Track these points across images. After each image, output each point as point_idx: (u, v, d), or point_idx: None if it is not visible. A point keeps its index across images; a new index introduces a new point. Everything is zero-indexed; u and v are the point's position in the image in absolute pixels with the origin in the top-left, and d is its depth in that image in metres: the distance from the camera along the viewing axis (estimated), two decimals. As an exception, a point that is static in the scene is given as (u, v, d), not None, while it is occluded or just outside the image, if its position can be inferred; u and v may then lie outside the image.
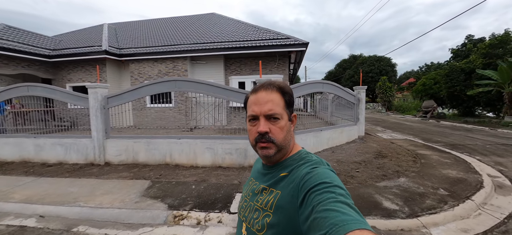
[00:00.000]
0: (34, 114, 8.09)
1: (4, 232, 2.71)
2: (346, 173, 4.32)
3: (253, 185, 0.77)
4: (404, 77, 34.00)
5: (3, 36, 8.88)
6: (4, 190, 3.81)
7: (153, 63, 10.13)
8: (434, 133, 8.73)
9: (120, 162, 5.06)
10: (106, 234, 2.62)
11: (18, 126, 7.14)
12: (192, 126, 8.90)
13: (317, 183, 0.54)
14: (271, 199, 0.64)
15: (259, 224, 0.64)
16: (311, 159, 0.66)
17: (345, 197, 0.50)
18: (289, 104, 0.69)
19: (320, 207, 0.48)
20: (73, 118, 9.57)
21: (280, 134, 0.66)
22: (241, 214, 0.76)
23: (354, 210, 0.46)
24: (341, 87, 6.45)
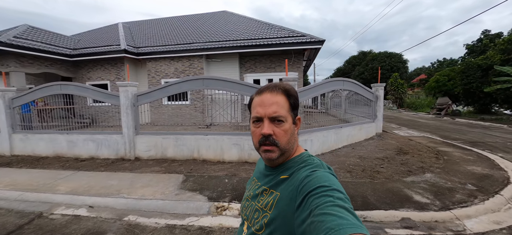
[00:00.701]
0: (57, 112, 8.47)
1: (61, 220, 2.94)
2: (371, 168, 4.43)
3: (255, 185, 0.78)
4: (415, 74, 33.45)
5: (27, 36, 9.23)
6: (49, 183, 4.08)
7: (170, 61, 10.35)
8: (451, 130, 8.69)
9: (149, 157, 5.29)
10: (157, 222, 2.82)
11: (43, 123, 7.53)
12: (208, 123, 9.10)
13: (316, 186, 0.54)
14: (271, 200, 0.65)
15: (258, 224, 0.65)
16: (312, 162, 0.66)
17: (344, 201, 0.50)
18: (294, 107, 0.69)
19: (317, 211, 0.48)
20: (92, 115, 9.87)
21: (284, 137, 0.66)
22: (243, 213, 0.77)
23: (352, 214, 0.46)
24: (360, 85, 6.51)
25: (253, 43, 9.39)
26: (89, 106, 10.56)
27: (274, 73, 9.95)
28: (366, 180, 3.89)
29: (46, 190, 3.80)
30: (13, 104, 5.98)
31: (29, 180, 4.24)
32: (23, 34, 9.15)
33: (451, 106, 12.94)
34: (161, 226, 2.73)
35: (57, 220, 2.93)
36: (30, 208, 3.29)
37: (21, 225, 2.82)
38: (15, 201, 3.51)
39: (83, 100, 10.84)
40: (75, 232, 2.63)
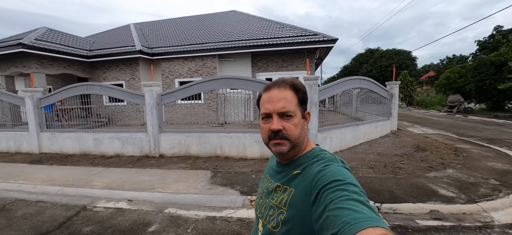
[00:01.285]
0: (75, 111, 8.76)
1: (105, 212, 3.13)
2: (392, 164, 4.53)
3: (268, 182, 0.77)
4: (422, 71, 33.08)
5: (47, 38, 9.53)
6: (84, 178, 4.30)
7: (183, 61, 10.55)
8: (465, 128, 8.68)
9: (173, 154, 5.48)
10: (196, 214, 2.99)
11: (65, 122, 7.81)
12: (221, 121, 9.28)
13: (330, 180, 0.53)
14: (285, 196, 0.65)
15: (274, 221, 0.65)
16: (325, 156, 0.65)
17: (359, 195, 0.49)
18: (302, 101, 0.69)
19: (332, 205, 0.47)
20: (108, 115, 10.14)
21: (294, 131, 0.66)
22: (257, 211, 0.77)
23: (368, 207, 0.46)
24: (376, 83, 6.59)
25: (265, 43, 9.51)
26: (105, 105, 10.91)
27: (286, 72, 10.06)
28: (389, 176, 4.00)
29: (83, 185, 4.01)
30: (40, 104, 6.24)
31: (65, 176, 4.47)
32: (43, 36, 9.45)
33: (463, 103, 12.85)
34: (202, 218, 2.90)
35: (102, 212, 3.12)
36: (72, 201, 3.50)
37: (70, 217, 3.02)
38: (56, 196, 3.73)
39: (99, 100, 11.22)
40: (122, 223, 2.82)
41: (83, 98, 6.28)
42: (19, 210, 3.24)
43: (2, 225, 2.83)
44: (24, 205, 3.42)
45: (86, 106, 7.03)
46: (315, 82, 4.71)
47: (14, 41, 8.50)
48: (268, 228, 0.67)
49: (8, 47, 8.28)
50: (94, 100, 10.84)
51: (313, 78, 4.70)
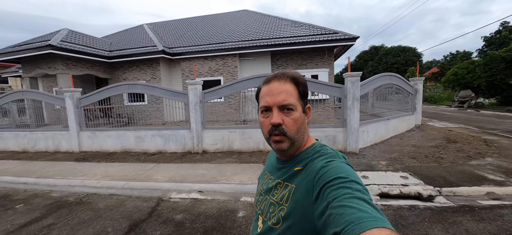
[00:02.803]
0: (98, 112, 8.94)
1: (184, 203, 3.34)
2: (432, 155, 4.80)
3: (268, 179, 0.76)
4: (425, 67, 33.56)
5: (71, 40, 9.66)
6: (141, 173, 4.50)
7: (204, 60, 10.73)
8: (482, 121, 9.00)
9: (216, 150, 5.69)
10: (272, 201, 3.22)
11: (88, 122, 8.01)
12: (242, 119, 9.50)
13: (332, 178, 0.52)
14: (286, 193, 0.64)
15: (275, 218, 0.64)
16: (326, 152, 0.64)
17: (362, 193, 0.48)
18: (303, 95, 0.67)
19: (335, 203, 0.47)
20: (129, 114, 10.30)
21: (293, 126, 0.64)
22: (257, 208, 0.76)
23: (372, 206, 0.45)
24: (403, 79, 6.86)
25: (286, 42, 9.72)
26: (125, 105, 11.06)
27: (305, 69, 10.29)
28: (434, 165, 4.26)
29: (145, 179, 4.21)
30: (80, 104, 6.40)
31: (121, 172, 4.66)
32: (67, 37, 9.57)
33: (474, 98, 13.23)
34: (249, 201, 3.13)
35: (181, 202, 3.34)
36: (144, 194, 3.70)
37: (153, 207, 3.23)
38: (124, 189, 3.93)
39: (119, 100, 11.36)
40: (208, 210, 3.04)
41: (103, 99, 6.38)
42: (99, 203, 3.44)
43: (93, 216, 3.03)
44: (99, 198, 3.62)
45: (108, 106, 7.20)
46: (357, 79, 4.95)
47: (41, 43, 8.62)
48: (268, 225, 0.66)
49: (37, 49, 8.40)
50: (114, 100, 11.01)
51: (356, 75, 4.94)
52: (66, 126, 7.19)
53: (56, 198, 3.68)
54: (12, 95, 6.97)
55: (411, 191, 3.34)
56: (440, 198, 3.20)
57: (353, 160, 4.63)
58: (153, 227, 2.70)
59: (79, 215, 3.06)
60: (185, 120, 10.93)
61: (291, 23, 11.74)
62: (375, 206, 0.46)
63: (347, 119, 5.06)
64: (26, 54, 8.59)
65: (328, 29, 10.02)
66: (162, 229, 2.65)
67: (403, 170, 4.03)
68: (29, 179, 4.58)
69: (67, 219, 2.97)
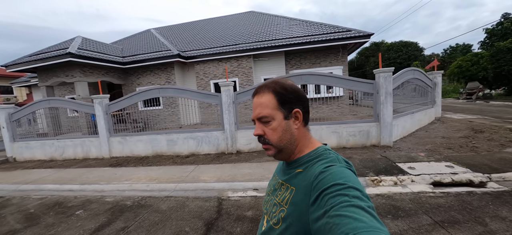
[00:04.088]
0: (115, 118, 8.96)
1: (245, 200, 3.41)
2: (465, 145, 4.94)
3: (275, 180, 0.79)
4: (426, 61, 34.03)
5: (87, 47, 9.66)
6: (185, 175, 4.57)
7: (218, 62, 10.81)
8: (497, 112, 9.23)
9: (250, 150, 5.78)
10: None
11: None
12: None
13: (331, 184, 0.52)
14: (287, 195, 0.66)
15: (276, 218, 0.66)
16: (328, 156, 0.65)
17: (360, 200, 0.48)
18: (282, 102, 0.68)
19: (332, 212, 0.47)
20: (144, 119, 10.34)
21: (273, 135, 0.68)
22: (264, 207, 0.79)
23: (369, 214, 0.45)
24: (424, 73, 7.03)
25: (301, 41, 9.86)
26: (140, 110, 11.08)
27: (319, 68, 10.44)
28: (472, 154, 4.41)
29: (192, 180, 4.28)
30: (109, 110, 6.44)
31: (165, 175, 4.72)
32: (83, 45, 9.58)
33: (482, 90, 13.51)
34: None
35: (242, 200, 3.42)
36: (200, 194, 3.77)
37: (217, 206, 3.30)
38: (175, 191, 3.99)
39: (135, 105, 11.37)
40: (274, 206, 3.13)
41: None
42: (160, 205, 3.50)
43: (162, 218, 3.10)
44: (157, 201, 3.68)
45: (125, 112, 7.25)
46: (390, 74, 5.09)
47: (60, 51, 8.62)
48: (270, 225, 0.68)
49: (56, 57, 8.40)
50: (129, 105, 11.03)
51: (388, 70, 5.07)
52: (85, 133, 7.25)
53: (112, 203, 3.74)
54: (39, 104, 6.98)
55: (462, 178, 3.47)
56: (492, 184, 3.33)
57: (390, 153, 4.76)
58: (230, 224, 2.78)
59: (147, 217, 3.13)
60: (201, 122, 11.07)
61: (301, 22, 11.89)
62: (373, 213, 0.46)
63: (380, 113, 5.19)
64: (46, 63, 8.59)
65: (340, 27, 10.19)
66: (241, 226, 2.73)
67: (445, 160, 4.17)
68: (73, 186, 4.62)
69: (138, 221, 3.03)
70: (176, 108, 10.98)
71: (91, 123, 8.27)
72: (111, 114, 8.75)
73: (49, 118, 8.09)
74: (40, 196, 4.36)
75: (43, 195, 4.40)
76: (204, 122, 10.93)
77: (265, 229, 0.71)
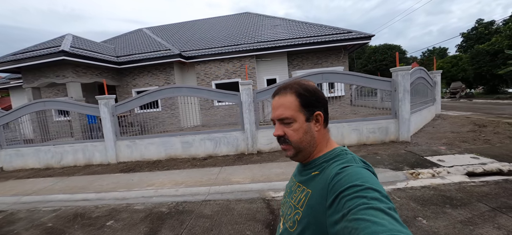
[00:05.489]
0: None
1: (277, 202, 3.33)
2: (477, 138, 5.26)
3: (292, 182, 0.78)
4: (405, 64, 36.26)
5: (79, 46, 8.97)
6: (213, 178, 4.35)
7: (220, 63, 10.59)
8: (485, 109, 10.00)
9: (270, 150, 5.67)
10: (380, 190, 3.34)
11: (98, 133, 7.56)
12: (261, 121, 9.55)
13: (348, 186, 0.51)
14: (303, 197, 0.65)
15: (291, 221, 0.65)
16: (344, 157, 0.63)
17: (380, 201, 0.46)
18: (305, 104, 0.67)
19: (350, 216, 0.45)
20: (140, 122, 9.86)
21: (294, 136, 0.67)
22: (281, 210, 0.78)
23: (389, 215, 0.43)
24: (427, 72, 7.43)
25: (303, 42, 9.97)
26: (135, 113, 10.50)
27: (321, 68, 10.62)
28: (488, 146, 4.69)
29: (224, 182, 4.09)
30: (116, 112, 6.00)
31: (191, 178, 4.46)
32: (74, 43, 8.88)
33: (464, 89, 14.63)
34: (387, 190, 3.25)
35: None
36: (240, 196, 3.59)
37: (266, 207, 3.16)
38: (211, 194, 3.78)
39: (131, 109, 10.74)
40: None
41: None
42: (202, 209, 3.28)
43: (212, 223, 2.90)
44: (195, 205, 3.45)
45: (120, 114, 6.83)
46: (408, 72, 5.28)
47: (52, 49, 7.91)
48: (286, 227, 0.67)
49: (47, 56, 7.69)
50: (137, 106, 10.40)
51: (406, 69, 5.27)
52: (79, 138, 6.68)
53: (144, 210, 3.45)
54: (32, 106, 6.31)
55: (492, 168, 3.67)
56: (521, 172, 3.56)
57: (412, 148, 4.92)
58: (293, 224, 2.67)
59: (195, 223, 2.91)
60: (202, 124, 10.74)
61: (301, 24, 12.06)
62: (393, 215, 0.43)
63: (399, 110, 5.36)
64: (35, 62, 7.82)
65: (341, 29, 10.47)
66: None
67: (467, 152, 4.39)
68: (88, 195, 4.22)
69: (187, 228, 2.81)
70: (176, 110, 10.57)
71: (88, 126, 7.66)
72: (99, 118, 8.21)
73: (36, 122, 7.39)
74: (51, 208, 3.91)
75: (54, 207, 3.96)
76: (205, 124, 10.63)
77: (282, 232, 0.70)
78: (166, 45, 10.67)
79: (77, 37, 9.86)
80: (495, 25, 15.47)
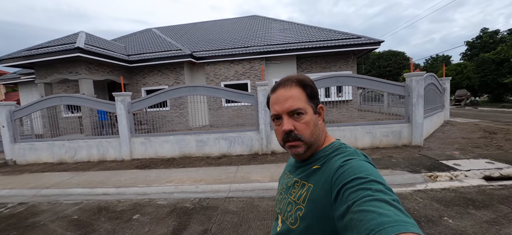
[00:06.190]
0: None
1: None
2: (489, 144, 5.33)
3: (287, 178, 0.76)
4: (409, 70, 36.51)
5: (93, 43, 9.08)
6: (231, 176, 4.42)
7: (230, 64, 10.69)
8: (491, 116, 10.09)
9: (284, 151, 5.73)
10: (398, 190, 3.40)
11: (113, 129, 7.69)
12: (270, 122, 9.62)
13: (351, 178, 0.50)
14: (304, 192, 0.63)
15: (292, 218, 0.63)
16: (345, 150, 0.63)
17: (384, 193, 0.46)
18: (311, 96, 0.66)
19: (355, 207, 0.45)
20: (149, 121, 9.92)
21: (306, 130, 0.63)
22: (277, 207, 0.75)
23: (394, 207, 0.43)
24: (437, 78, 7.53)
25: (313, 45, 10.08)
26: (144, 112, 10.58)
27: (329, 72, 10.72)
28: (501, 151, 4.75)
29: (243, 181, 4.15)
30: (132, 109, 6.08)
31: (209, 176, 4.52)
32: (88, 41, 8.99)
33: (469, 97, 14.74)
34: (408, 191, 3.32)
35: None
36: (262, 194, 3.65)
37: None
38: (232, 192, 3.84)
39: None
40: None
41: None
42: (227, 205, 3.34)
43: (240, 219, 2.95)
44: (219, 202, 3.50)
45: (134, 113, 6.92)
46: (422, 78, 5.37)
47: (66, 46, 8.01)
48: (286, 225, 0.65)
49: (63, 52, 7.79)
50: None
51: (420, 74, 5.36)
52: (89, 134, 6.73)
53: (168, 205, 3.50)
54: (48, 101, 6.39)
55: (509, 173, 3.74)
56: (537, 178, 3.63)
57: (427, 152, 4.99)
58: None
59: (223, 219, 2.97)
60: (210, 124, 10.82)
61: (310, 28, 12.20)
62: (398, 206, 0.43)
63: (412, 115, 5.44)
64: (50, 57, 7.92)
65: (350, 34, 10.59)
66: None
67: (481, 157, 4.45)
68: (108, 190, 4.28)
69: (216, 223, 2.86)
70: (184, 110, 10.65)
71: (99, 123, 7.74)
72: (110, 116, 8.30)
73: (46, 118, 7.47)
74: (73, 202, 3.96)
75: (75, 200, 4.01)
76: (213, 124, 10.71)
77: (281, 229, 0.67)
78: (176, 45, 10.79)
79: (90, 35, 9.98)
80: (500, 35, 15.71)
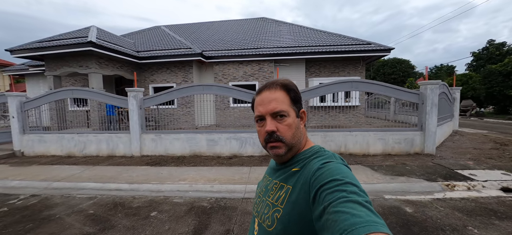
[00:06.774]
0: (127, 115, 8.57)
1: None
2: (502, 155, 5.31)
3: (267, 181, 0.77)
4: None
5: (104, 38, 9.09)
6: (245, 177, 4.40)
7: (238, 65, 10.70)
8: (498, 128, 10.07)
9: (296, 153, 5.72)
10: (415, 198, 3.38)
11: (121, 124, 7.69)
12: None
13: (328, 180, 0.52)
14: (283, 194, 0.64)
15: (269, 220, 0.64)
16: (324, 154, 0.65)
17: (358, 195, 0.48)
18: (295, 100, 0.68)
19: (331, 208, 0.47)
20: (155, 118, 9.91)
21: (288, 132, 0.65)
22: (254, 210, 0.76)
23: (367, 208, 0.45)
24: (448, 87, 7.52)
25: (323, 50, 10.11)
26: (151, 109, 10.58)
27: (337, 77, 10.73)
28: (515, 164, 4.75)
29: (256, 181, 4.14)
30: (144, 105, 6.07)
31: (221, 176, 4.50)
32: (100, 35, 9.00)
33: (475, 108, 14.74)
34: (427, 199, 3.31)
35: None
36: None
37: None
38: (248, 192, 3.82)
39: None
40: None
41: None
42: (245, 207, 3.31)
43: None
44: (236, 202, 3.46)
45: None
46: (437, 86, 5.37)
47: (78, 40, 8.02)
48: (263, 227, 0.66)
49: (75, 45, 7.80)
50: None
51: (435, 83, 5.36)
52: (96, 129, 6.71)
53: (185, 204, 3.48)
54: (60, 93, 6.38)
55: (526, 186, 3.72)
56: (555, 192, 3.61)
57: (440, 161, 4.97)
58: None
59: (243, 219, 2.94)
60: (216, 124, 10.80)
61: (320, 32, 12.23)
62: (370, 208, 0.46)
63: (425, 123, 5.43)
64: (62, 50, 7.93)
65: (360, 40, 10.61)
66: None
67: (496, 169, 4.43)
68: (121, 185, 4.26)
69: (237, 224, 2.84)
70: (191, 108, 10.64)
71: (107, 118, 7.74)
72: (118, 111, 8.30)
73: (54, 111, 7.46)
74: (86, 196, 3.94)
75: (89, 194, 3.99)
76: (219, 124, 10.70)
77: (258, 233, 0.69)
78: (186, 44, 10.81)
79: (101, 30, 9.99)
80: (506, 47, 15.74)
